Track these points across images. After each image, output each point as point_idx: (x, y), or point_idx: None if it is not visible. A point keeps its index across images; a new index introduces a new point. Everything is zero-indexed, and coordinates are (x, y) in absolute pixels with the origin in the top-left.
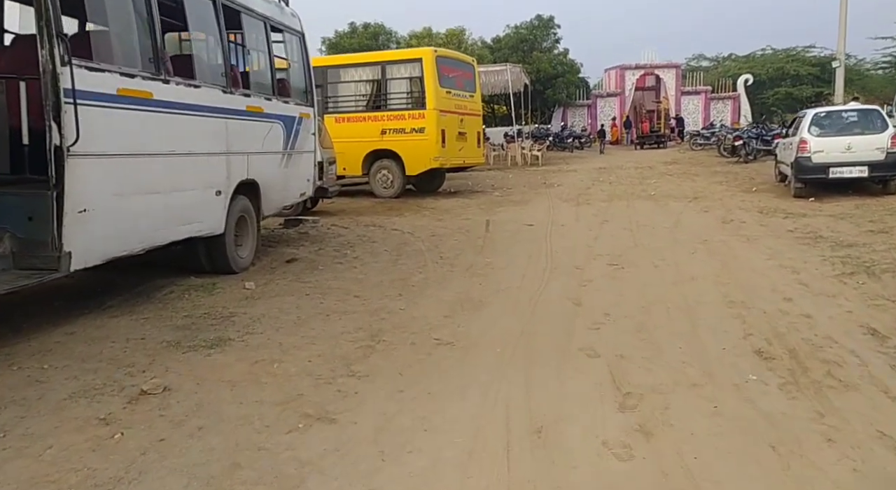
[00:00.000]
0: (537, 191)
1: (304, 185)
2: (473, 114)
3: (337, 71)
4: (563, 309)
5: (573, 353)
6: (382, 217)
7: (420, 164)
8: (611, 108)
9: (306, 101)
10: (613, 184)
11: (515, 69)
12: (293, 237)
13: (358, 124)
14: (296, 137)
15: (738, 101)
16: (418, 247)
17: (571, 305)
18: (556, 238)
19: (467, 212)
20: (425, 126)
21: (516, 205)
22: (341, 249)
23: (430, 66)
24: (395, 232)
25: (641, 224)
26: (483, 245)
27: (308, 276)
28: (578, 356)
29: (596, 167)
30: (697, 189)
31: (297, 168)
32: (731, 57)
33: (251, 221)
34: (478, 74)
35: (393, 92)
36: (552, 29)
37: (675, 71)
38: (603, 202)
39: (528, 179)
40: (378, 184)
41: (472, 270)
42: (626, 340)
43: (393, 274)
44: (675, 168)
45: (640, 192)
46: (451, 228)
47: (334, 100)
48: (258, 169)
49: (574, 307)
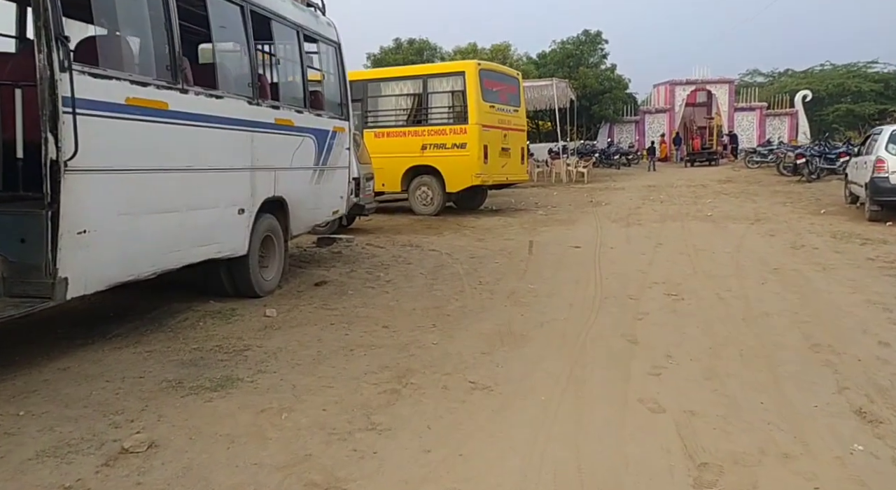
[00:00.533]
0: (583, 210)
1: (337, 203)
2: (517, 129)
3: (377, 85)
4: (616, 348)
5: (632, 406)
6: (420, 236)
7: (461, 180)
8: (659, 124)
9: (341, 114)
10: (665, 203)
11: (561, 84)
12: (325, 257)
13: (398, 139)
14: (329, 152)
15: (795, 118)
16: (456, 270)
17: (626, 343)
18: (605, 262)
19: (509, 232)
20: (467, 141)
21: (561, 225)
22: (374, 272)
23: (473, 80)
24: (432, 253)
25: (699, 248)
26: (526, 269)
27: (335, 302)
28: (639, 410)
29: (645, 185)
30: (759, 210)
31: (329, 184)
32: (787, 72)
33: (278, 241)
34: (522, 88)
35: (434, 106)
36: (599, 44)
37: (728, 86)
38: (655, 223)
39: (573, 197)
40: (417, 201)
41: (514, 298)
42: (695, 391)
43: (427, 300)
44: (731, 187)
45: (696, 212)
46: (492, 250)
47: (374, 114)
48: (286, 185)
49: (629, 346)
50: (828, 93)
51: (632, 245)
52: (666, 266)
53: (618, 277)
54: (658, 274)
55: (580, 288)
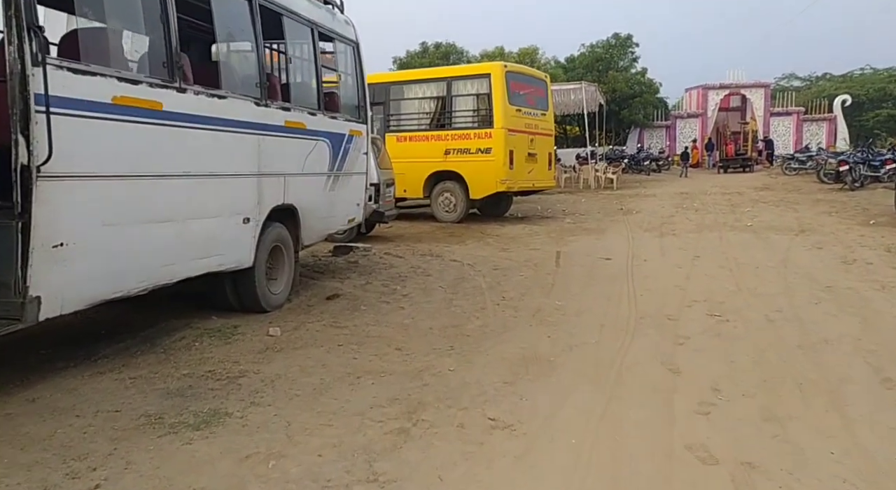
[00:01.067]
0: (613, 218)
1: (353, 211)
2: (545, 133)
3: (400, 87)
4: (656, 378)
5: (679, 455)
6: (442, 245)
7: (485, 186)
8: (691, 129)
9: (358, 117)
10: (700, 212)
11: (590, 88)
12: (341, 267)
13: (420, 144)
14: (344, 157)
15: (834, 124)
16: (478, 283)
17: (667, 373)
18: (638, 277)
19: (535, 241)
20: (492, 146)
21: (590, 234)
22: (390, 284)
23: (499, 82)
24: (453, 263)
25: (741, 262)
26: (553, 283)
27: (346, 320)
28: (687, 460)
29: (677, 192)
30: (803, 220)
31: (344, 191)
32: (825, 77)
33: (287, 252)
34: (550, 91)
35: (458, 109)
36: (630, 47)
37: (764, 91)
38: (691, 233)
39: (602, 204)
40: (440, 207)
41: (540, 316)
42: (752, 437)
43: (446, 318)
44: (769, 195)
45: (734, 222)
46: (517, 261)
47: (396, 118)
48: (297, 193)
49: (671, 376)
50: (868, 98)
51: (667, 257)
52: (705, 282)
53: (653, 294)
54: (698, 291)
55: (612, 305)
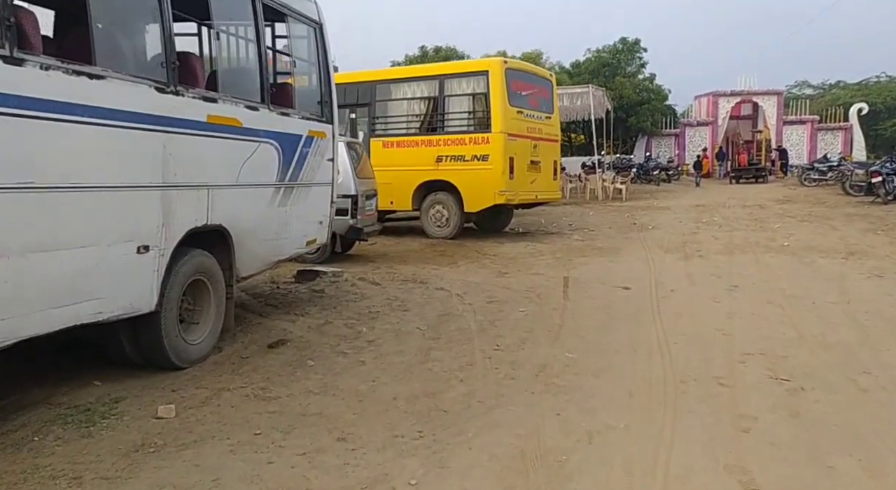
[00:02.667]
0: (627, 235)
1: (313, 230)
2: (549, 139)
3: (387, 87)
4: None
5: None
6: (429, 267)
7: (482, 198)
8: (701, 137)
9: (321, 115)
10: (724, 228)
11: (598, 92)
12: (301, 298)
13: (409, 150)
14: (301, 164)
15: (849, 133)
16: (467, 323)
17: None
18: (668, 314)
19: (539, 263)
20: (490, 153)
21: (603, 254)
22: (356, 324)
23: (499, 81)
24: (439, 293)
25: (791, 295)
26: (561, 324)
27: (282, 384)
28: None
29: (693, 204)
30: (848, 240)
31: (301, 206)
32: (839, 84)
33: (215, 287)
34: (556, 93)
35: (452, 112)
36: (637, 53)
37: (777, 98)
38: (720, 255)
39: (612, 218)
40: (431, 221)
41: (546, 377)
42: None
43: (418, 381)
44: (793, 208)
45: (767, 241)
46: (517, 290)
47: (383, 121)
48: (229, 210)
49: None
50: (885, 106)
51: (698, 287)
52: (754, 323)
53: (690, 341)
54: (748, 337)
55: (640, 360)
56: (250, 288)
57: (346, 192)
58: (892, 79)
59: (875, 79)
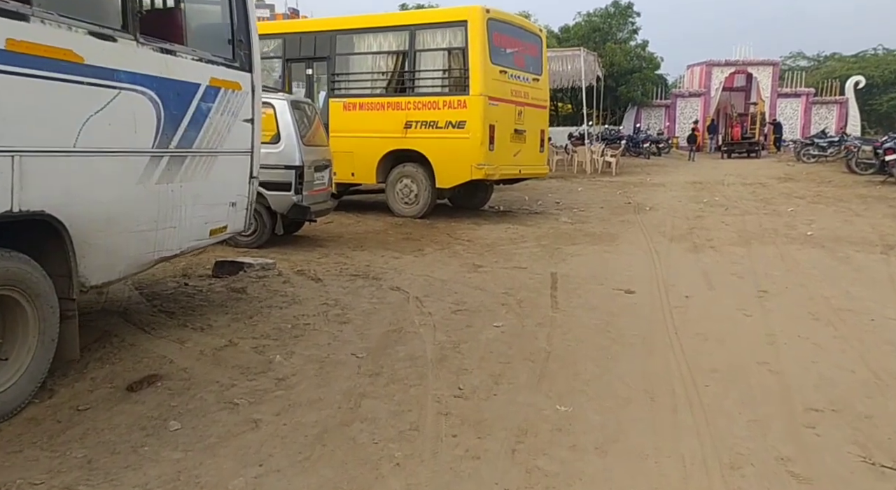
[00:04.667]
0: (623, 217)
1: (221, 215)
2: (537, 105)
3: (349, 38)
4: None
5: None
6: (389, 255)
7: (457, 172)
8: (693, 109)
9: (232, 58)
10: (731, 211)
11: (590, 58)
12: (212, 300)
13: (373, 113)
14: (197, 125)
15: (845, 107)
16: (422, 347)
17: None
18: (687, 334)
19: (521, 252)
20: (467, 119)
21: (597, 242)
22: (270, 349)
23: (479, 34)
24: (394, 295)
25: (838, 305)
26: (548, 350)
27: (107, 477)
28: None
29: (689, 181)
30: (881, 229)
31: (200, 184)
32: (834, 56)
33: (36, 304)
34: (546, 51)
35: (424, 69)
36: (630, 17)
37: (772, 69)
38: (736, 246)
39: (604, 195)
40: (397, 198)
41: (526, 458)
42: None
43: (330, 466)
44: (799, 187)
45: (786, 229)
46: (493, 291)
47: (343, 78)
48: (60, 189)
49: None
50: (882, 80)
51: (718, 292)
52: (805, 352)
53: (727, 384)
54: (804, 377)
55: (663, 420)
56: (147, 283)
57: (288, 162)
58: (889, 51)
59: (872, 51)
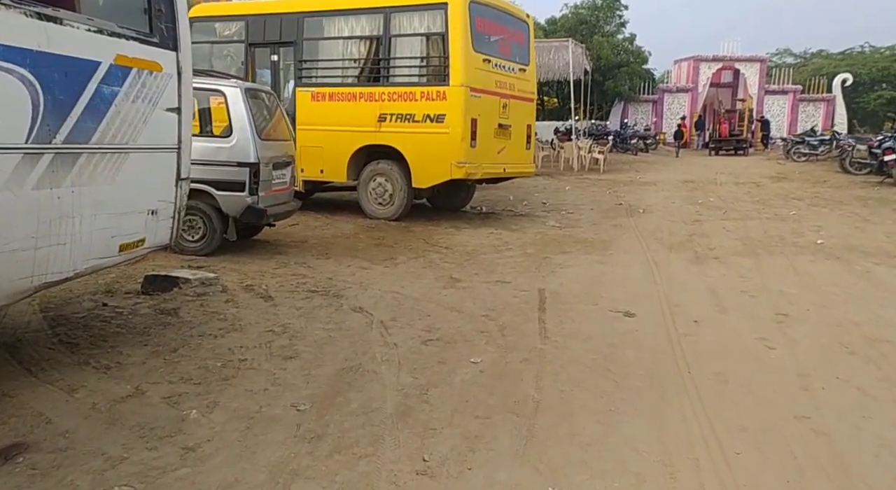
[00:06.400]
0: (615, 220)
1: (135, 225)
2: (523, 97)
3: (318, 21)
4: None
5: None
6: (356, 265)
7: (435, 171)
8: (680, 105)
9: (150, 32)
10: (730, 214)
11: (578, 50)
12: (133, 325)
13: (345, 105)
14: (97, 114)
15: (832, 105)
16: (381, 394)
17: None
18: (704, 375)
19: (505, 262)
20: (447, 112)
21: (588, 250)
22: (187, 399)
23: (461, 18)
24: (355, 319)
25: (872, 334)
26: (537, 399)
27: None
28: None
29: (680, 180)
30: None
31: (104, 188)
32: (821, 54)
33: None
34: (533, 39)
35: (400, 57)
36: (618, 10)
37: (760, 66)
38: (742, 257)
39: (593, 195)
40: (370, 198)
41: None
42: None
43: None
44: (794, 188)
45: (792, 236)
46: (471, 313)
47: (311, 65)
48: None
49: None
50: (870, 78)
51: (730, 316)
52: (849, 400)
53: (762, 449)
54: (859, 442)
55: None
56: (58, 303)
57: (242, 159)
58: (876, 49)
59: (859, 49)
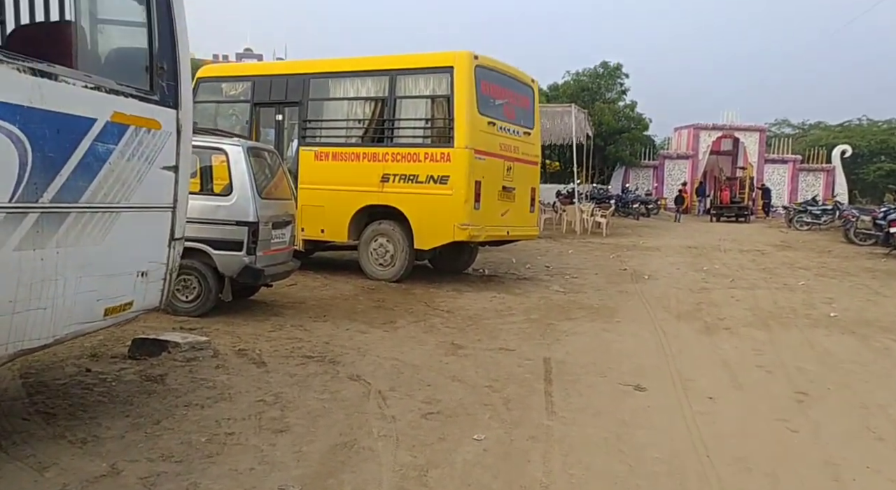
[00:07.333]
0: (620, 286)
1: (123, 288)
2: (528, 160)
3: (323, 82)
4: None
5: None
6: (355, 329)
7: (438, 232)
8: (680, 171)
9: (150, 89)
10: (737, 282)
11: (580, 115)
12: (115, 394)
13: (348, 164)
14: (88, 172)
15: (832, 175)
16: (373, 477)
17: None
18: (723, 459)
19: (508, 328)
20: (450, 174)
21: (595, 317)
22: (161, 482)
23: (466, 81)
24: (351, 388)
25: None
26: (546, 485)
27: None
28: None
29: (683, 245)
30: None
31: (91, 249)
32: (819, 125)
33: None
34: (538, 103)
35: (404, 118)
36: (619, 78)
37: (759, 135)
38: (753, 329)
39: (597, 259)
40: (371, 258)
41: None
42: None
43: None
44: (799, 257)
45: (804, 307)
46: (474, 384)
47: (316, 125)
48: None
49: None
50: (869, 150)
51: (747, 393)
52: None
53: None
54: None
55: None
56: (39, 368)
57: (241, 217)
58: (874, 122)
59: (857, 121)
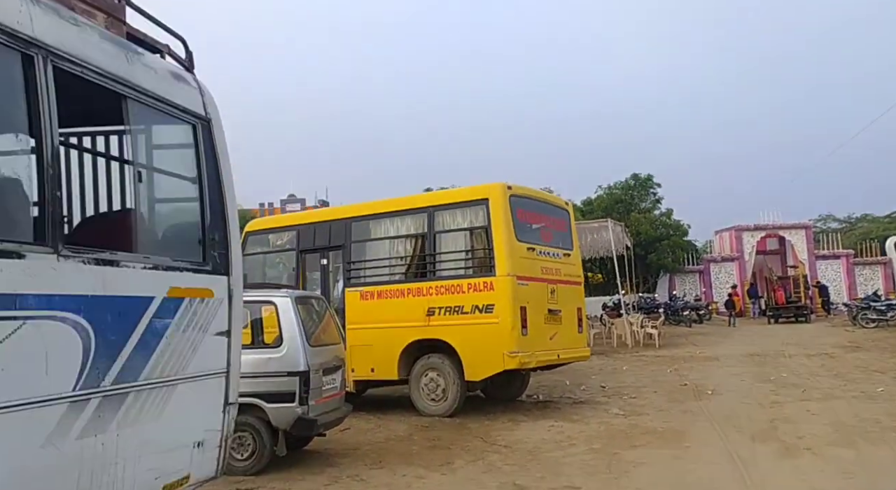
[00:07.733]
0: (682, 405)
1: (180, 462)
2: (571, 281)
3: (364, 224)
4: None
5: None
6: (411, 473)
7: (487, 362)
8: (727, 273)
9: (203, 261)
10: (810, 393)
11: (617, 228)
12: None
13: (393, 301)
14: (147, 350)
15: (889, 267)
16: None
17: None
18: None
19: (571, 461)
20: (495, 302)
21: (662, 444)
22: None
23: (501, 211)
24: None
25: None
26: None
27: None
28: None
29: (744, 353)
30: None
31: (149, 426)
32: (866, 217)
33: None
34: (574, 225)
35: (445, 251)
36: (651, 188)
37: (805, 232)
38: (839, 448)
39: (653, 374)
40: (423, 394)
41: None
42: None
43: None
44: (872, 359)
45: (889, 419)
46: None
47: (360, 266)
48: None
49: None
50: None
51: None
52: None
53: None
54: None
55: None
56: None
57: (291, 367)
58: None
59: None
